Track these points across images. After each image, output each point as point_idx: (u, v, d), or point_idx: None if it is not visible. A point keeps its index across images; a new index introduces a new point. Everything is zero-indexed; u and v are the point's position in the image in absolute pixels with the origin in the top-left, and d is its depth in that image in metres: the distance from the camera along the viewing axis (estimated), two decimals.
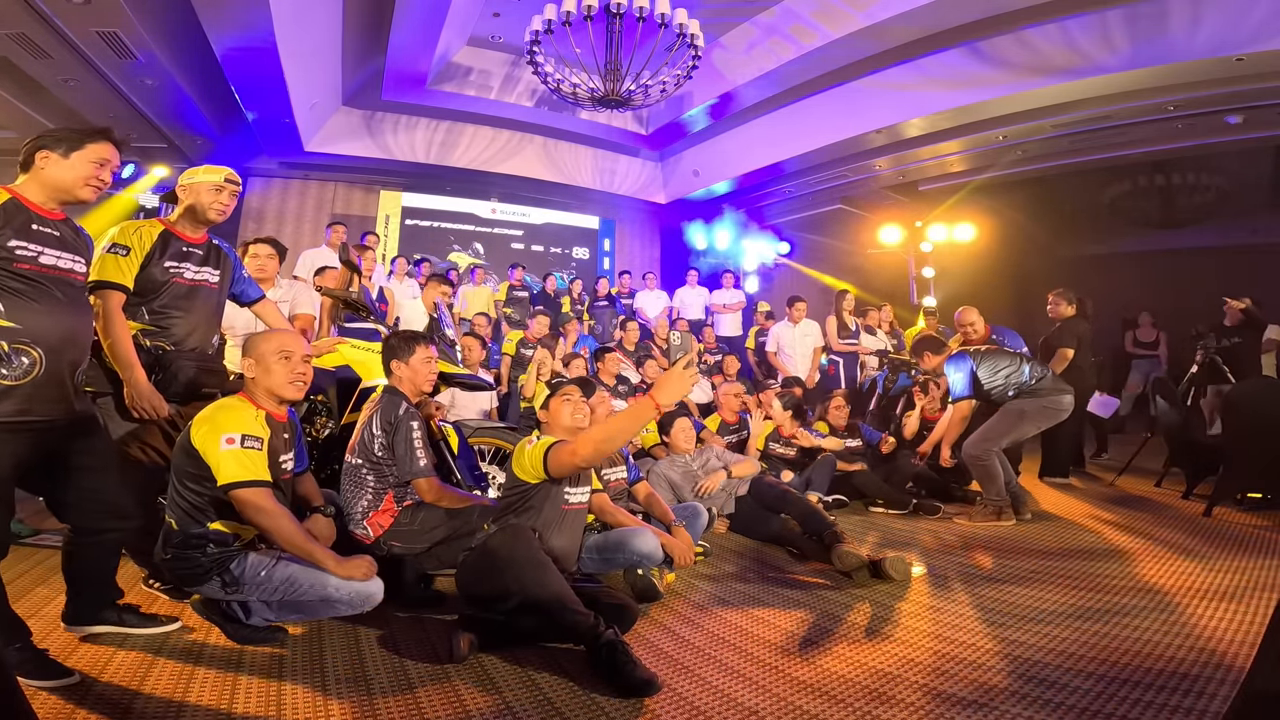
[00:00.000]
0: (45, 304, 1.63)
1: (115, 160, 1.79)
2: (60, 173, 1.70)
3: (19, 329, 1.58)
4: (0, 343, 1.55)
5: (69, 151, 1.70)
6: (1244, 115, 5.98)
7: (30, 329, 1.59)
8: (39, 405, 1.61)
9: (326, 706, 1.61)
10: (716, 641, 2.04)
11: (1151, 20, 5.16)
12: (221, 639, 1.93)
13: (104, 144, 1.75)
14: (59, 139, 1.71)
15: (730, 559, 2.98)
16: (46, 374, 1.61)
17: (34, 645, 1.65)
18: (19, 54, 5.54)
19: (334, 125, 8.09)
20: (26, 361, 1.57)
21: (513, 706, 1.61)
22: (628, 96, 5.74)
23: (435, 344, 2.65)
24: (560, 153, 9.26)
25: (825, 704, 1.65)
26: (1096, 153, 7.32)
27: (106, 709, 1.53)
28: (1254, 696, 1.02)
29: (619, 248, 10.98)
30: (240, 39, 5.35)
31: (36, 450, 1.65)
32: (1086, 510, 3.82)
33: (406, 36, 6.30)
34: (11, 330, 1.57)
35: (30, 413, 1.59)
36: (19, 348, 1.57)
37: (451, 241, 9.94)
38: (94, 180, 1.73)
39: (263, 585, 1.87)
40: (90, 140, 1.73)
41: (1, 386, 1.54)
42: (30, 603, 2.09)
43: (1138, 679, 1.75)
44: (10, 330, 1.57)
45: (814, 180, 8.88)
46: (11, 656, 1.56)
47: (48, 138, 1.71)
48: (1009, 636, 2.05)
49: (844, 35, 5.86)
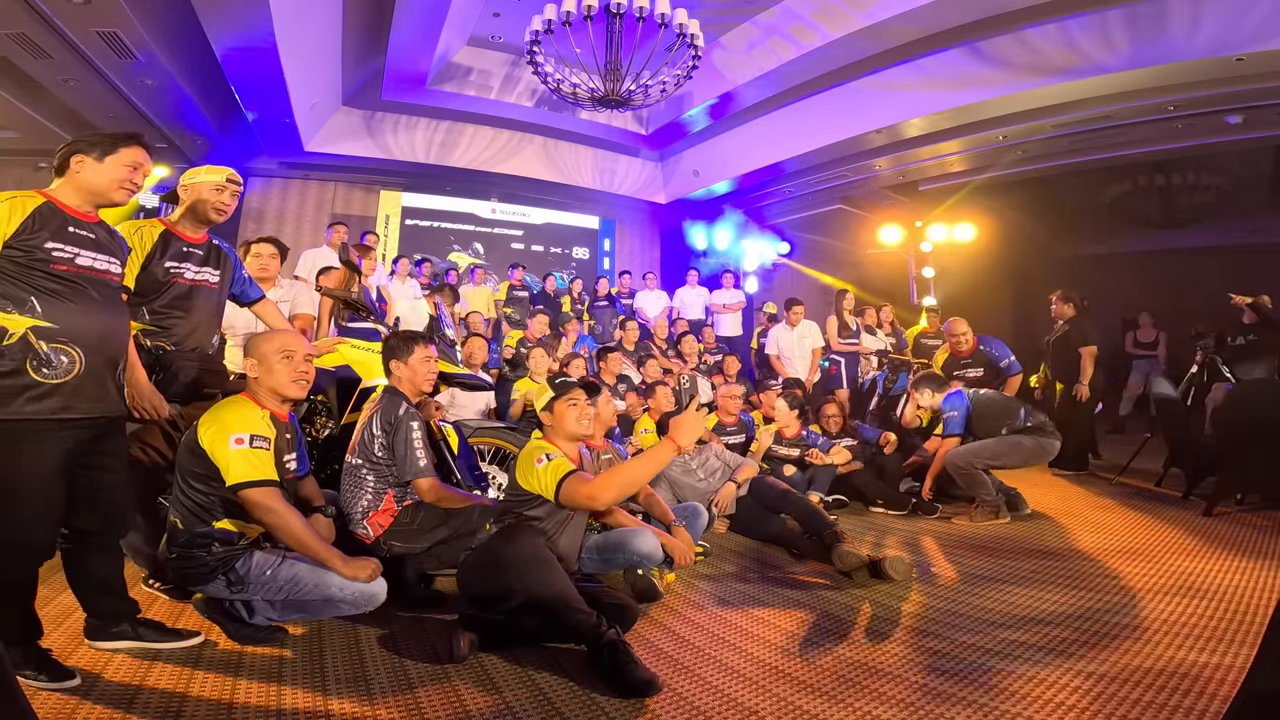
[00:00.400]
0: (82, 304, 1.67)
1: (147, 164, 1.84)
2: (94, 176, 1.74)
3: (57, 329, 1.62)
4: (40, 343, 1.59)
5: (103, 155, 1.74)
6: (1244, 115, 5.98)
7: (68, 329, 1.63)
8: (80, 403, 1.65)
9: (326, 706, 1.61)
10: (716, 641, 2.04)
11: (1151, 20, 5.16)
12: (222, 639, 1.93)
13: (136, 148, 1.80)
14: (93, 144, 1.75)
15: (730, 559, 2.98)
16: (86, 372, 1.65)
17: (39, 646, 1.65)
18: (19, 54, 5.54)
19: (334, 125, 8.08)
20: (66, 361, 1.62)
21: (513, 706, 1.61)
22: (628, 96, 5.74)
23: (435, 344, 2.65)
24: (560, 153, 9.26)
25: (825, 704, 1.65)
26: (1096, 153, 7.31)
27: (107, 709, 1.53)
28: (1254, 696, 1.02)
29: (619, 248, 10.98)
30: (240, 39, 5.35)
31: (78, 446, 1.68)
32: (1086, 510, 3.82)
33: (406, 36, 6.30)
34: (50, 330, 1.61)
35: (72, 410, 1.63)
36: (58, 347, 1.61)
37: (451, 241, 9.94)
38: (127, 183, 1.78)
39: (267, 584, 1.88)
40: (123, 145, 1.77)
41: (45, 386, 1.59)
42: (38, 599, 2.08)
43: (1138, 679, 1.75)
44: (49, 330, 1.61)
45: (814, 180, 8.88)
46: (14, 655, 1.56)
47: (82, 142, 1.75)
48: (1009, 636, 2.05)
49: (844, 35, 5.85)
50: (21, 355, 1.56)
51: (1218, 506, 3.61)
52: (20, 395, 1.56)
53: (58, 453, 1.63)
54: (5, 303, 1.57)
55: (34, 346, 1.58)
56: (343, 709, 1.60)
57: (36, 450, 1.59)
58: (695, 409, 1.92)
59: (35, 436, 1.59)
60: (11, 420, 1.55)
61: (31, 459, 1.58)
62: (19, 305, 1.58)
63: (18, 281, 1.59)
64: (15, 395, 1.55)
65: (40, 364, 1.58)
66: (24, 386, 1.56)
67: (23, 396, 1.56)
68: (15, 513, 1.57)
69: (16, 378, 1.56)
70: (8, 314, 1.57)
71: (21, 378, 1.56)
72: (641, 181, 10.01)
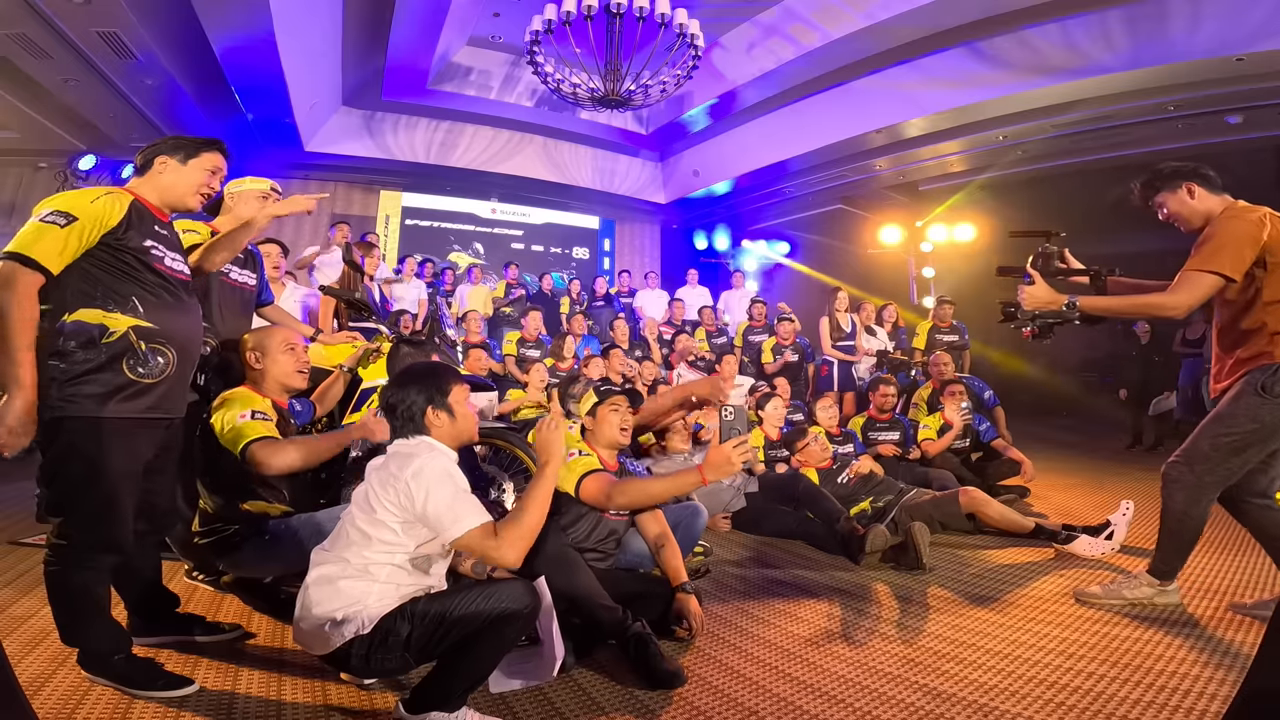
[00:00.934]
0: (175, 304, 1.69)
1: (224, 170, 1.86)
2: (177, 179, 1.75)
3: (156, 329, 1.62)
4: (140, 342, 1.59)
5: (186, 159, 1.76)
6: (1244, 115, 5.99)
7: (166, 329, 1.64)
8: (168, 403, 1.67)
9: (327, 706, 1.61)
10: (717, 641, 2.04)
11: (1151, 20, 5.16)
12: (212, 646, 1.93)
13: (217, 154, 1.82)
14: (177, 146, 1.77)
15: (732, 559, 2.97)
16: (177, 373, 1.67)
17: (136, 656, 1.66)
18: (19, 54, 5.54)
19: (334, 125, 8.09)
20: (162, 362, 1.63)
21: (513, 706, 1.61)
22: (628, 96, 5.74)
23: (435, 345, 2.66)
24: (560, 153, 9.26)
25: (825, 704, 1.65)
26: (1097, 153, 7.33)
27: (107, 708, 1.53)
28: (1254, 696, 1.02)
29: (619, 248, 10.99)
30: (240, 39, 5.35)
31: (156, 445, 1.68)
32: (1086, 509, 3.81)
33: (406, 36, 6.30)
34: (150, 330, 1.61)
35: (159, 409, 1.64)
36: (156, 347, 1.61)
37: (451, 241, 9.94)
38: (205, 188, 1.80)
39: (295, 537, 1.94)
40: (206, 149, 1.79)
41: (141, 385, 1.59)
42: (37, 599, 2.09)
43: (1138, 679, 1.75)
44: (149, 330, 1.61)
45: (814, 180, 8.89)
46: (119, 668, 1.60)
47: (166, 144, 1.77)
48: (1009, 636, 2.05)
49: (844, 35, 5.86)
50: (121, 354, 1.56)
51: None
52: (116, 395, 1.55)
53: (142, 452, 1.63)
54: (108, 301, 1.56)
55: (134, 346, 1.58)
56: (343, 708, 1.60)
57: (126, 449, 1.58)
58: (734, 447, 1.87)
59: (125, 435, 1.58)
60: (106, 419, 1.54)
61: (121, 458, 1.57)
62: (121, 304, 1.58)
63: (120, 279, 1.59)
64: (111, 395, 1.55)
65: (137, 363, 1.58)
66: (120, 386, 1.55)
67: (118, 396, 1.55)
68: (103, 511, 1.56)
69: (114, 376, 1.55)
70: (109, 312, 1.56)
71: (118, 376, 1.55)
72: (641, 181, 10.01)
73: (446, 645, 1.42)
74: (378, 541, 1.48)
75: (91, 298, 1.55)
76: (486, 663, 1.47)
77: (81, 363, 1.52)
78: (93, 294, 1.55)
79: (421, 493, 1.44)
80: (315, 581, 1.49)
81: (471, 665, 1.44)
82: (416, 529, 1.49)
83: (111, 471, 1.55)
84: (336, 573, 1.48)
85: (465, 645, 1.42)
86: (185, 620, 1.93)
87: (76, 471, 1.54)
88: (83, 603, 1.58)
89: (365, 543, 1.48)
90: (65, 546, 1.56)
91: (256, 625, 2.06)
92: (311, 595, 1.48)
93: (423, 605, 1.44)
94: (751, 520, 3.36)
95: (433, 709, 1.42)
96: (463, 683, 1.44)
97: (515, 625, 1.43)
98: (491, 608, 1.40)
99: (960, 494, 3.24)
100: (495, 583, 1.49)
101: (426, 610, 1.43)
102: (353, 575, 1.47)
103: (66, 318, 1.53)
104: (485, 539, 1.47)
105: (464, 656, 1.42)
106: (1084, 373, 9.47)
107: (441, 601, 1.45)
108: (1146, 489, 4.35)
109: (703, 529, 2.92)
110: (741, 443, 1.87)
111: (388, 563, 1.48)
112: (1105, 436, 6.92)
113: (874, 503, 3.38)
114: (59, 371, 1.51)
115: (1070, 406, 8.84)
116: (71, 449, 1.53)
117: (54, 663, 1.70)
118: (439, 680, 1.44)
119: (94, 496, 1.55)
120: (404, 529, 1.48)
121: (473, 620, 1.40)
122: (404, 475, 1.46)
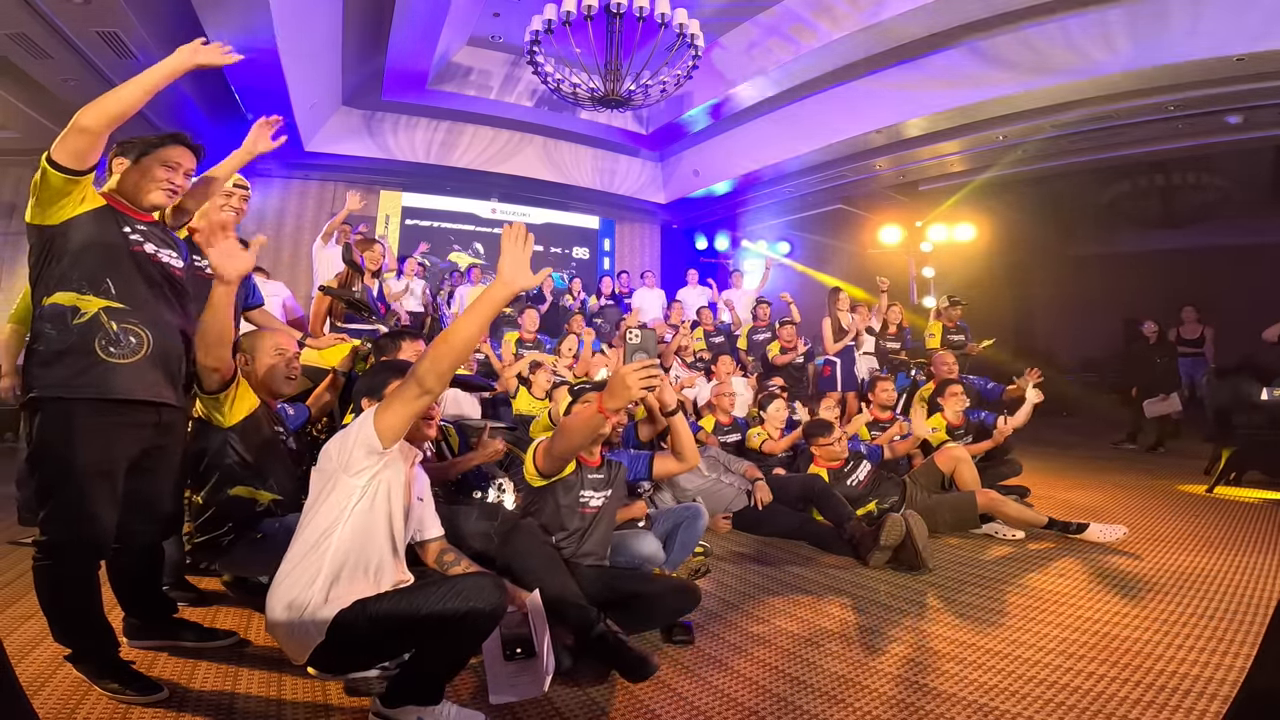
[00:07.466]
0: (153, 291, 1.68)
1: (187, 163, 1.79)
2: (132, 178, 1.73)
3: (128, 309, 1.62)
4: (111, 323, 1.59)
5: (139, 157, 1.74)
6: (1244, 115, 5.98)
7: (139, 311, 1.64)
8: (144, 386, 1.63)
9: (326, 705, 1.61)
10: (717, 641, 2.04)
11: (1151, 20, 5.16)
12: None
13: (173, 147, 1.77)
14: (128, 146, 1.75)
15: (732, 559, 2.98)
16: (154, 354, 1.65)
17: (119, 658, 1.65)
18: (19, 54, 5.54)
19: (334, 125, 8.08)
20: (135, 340, 1.62)
21: (513, 706, 1.61)
22: (628, 96, 5.74)
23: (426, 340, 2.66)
24: (560, 153, 9.26)
25: (825, 704, 1.65)
26: (1096, 153, 7.32)
27: (107, 708, 1.53)
28: (1254, 696, 1.02)
29: (619, 248, 10.98)
30: (240, 39, 5.34)
31: (139, 440, 1.66)
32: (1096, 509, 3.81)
33: (406, 36, 6.30)
34: (121, 311, 1.61)
35: (135, 392, 1.61)
36: (128, 327, 1.61)
37: (451, 241, 9.93)
38: (165, 184, 1.74)
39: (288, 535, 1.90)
40: (158, 146, 1.75)
41: (111, 364, 1.57)
42: (30, 603, 2.09)
43: (1138, 679, 1.75)
44: (120, 311, 1.61)
45: (814, 180, 8.88)
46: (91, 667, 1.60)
47: (117, 146, 1.75)
48: (1009, 636, 2.05)
49: (844, 35, 5.85)
50: (91, 334, 1.56)
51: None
52: (86, 373, 1.54)
53: (120, 440, 1.60)
54: (82, 284, 1.58)
55: (104, 326, 1.58)
56: (342, 707, 1.60)
57: (98, 432, 1.56)
58: (635, 370, 1.56)
59: (97, 418, 1.56)
60: (76, 400, 1.53)
61: (93, 441, 1.55)
62: (94, 286, 1.58)
63: (98, 264, 1.59)
64: (81, 374, 1.54)
65: (109, 343, 1.58)
66: (89, 365, 1.55)
67: (88, 374, 1.55)
68: (73, 499, 1.53)
69: (84, 356, 1.55)
70: (82, 294, 1.57)
71: (89, 356, 1.55)
72: (641, 181, 10.01)
73: (416, 642, 1.43)
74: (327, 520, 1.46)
75: (69, 281, 1.57)
76: (459, 658, 1.47)
77: (55, 343, 1.54)
78: (70, 277, 1.57)
79: (346, 432, 1.51)
80: (270, 590, 1.47)
81: (442, 661, 1.45)
82: (356, 459, 1.46)
83: (82, 456, 1.53)
84: (282, 575, 1.46)
85: (436, 642, 1.41)
86: (180, 626, 1.90)
87: (50, 457, 1.54)
88: (68, 599, 1.58)
89: (314, 539, 1.46)
90: (46, 542, 1.56)
91: (257, 625, 2.06)
92: (268, 602, 1.46)
93: (388, 604, 1.41)
94: (752, 520, 3.36)
95: (409, 703, 1.43)
96: (436, 678, 1.45)
97: (485, 621, 1.41)
98: (459, 606, 1.37)
99: (978, 495, 3.26)
100: (463, 578, 1.47)
101: (393, 609, 1.40)
102: (298, 578, 1.44)
103: (44, 300, 1.56)
104: (404, 382, 1.45)
105: (435, 653, 1.43)
106: (1084, 373, 9.48)
107: (409, 599, 1.41)
108: (1147, 489, 4.37)
109: (703, 529, 2.92)
110: (644, 366, 1.56)
111: (332, 565, 1.45)
112: (1105, 436, 6.92)
113: (880, 504, 3.38)
114: (35, 354, 1.53)
115: (1070, 406, 8.84)
116: (44, 431, 1.53)
117: (54, 663, 1.70)
118: (413, 675, 1.44)
119: (68, 487, 1.53)
120: (347, 470, 1.46)
121: (440, 618, 1.37)
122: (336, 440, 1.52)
